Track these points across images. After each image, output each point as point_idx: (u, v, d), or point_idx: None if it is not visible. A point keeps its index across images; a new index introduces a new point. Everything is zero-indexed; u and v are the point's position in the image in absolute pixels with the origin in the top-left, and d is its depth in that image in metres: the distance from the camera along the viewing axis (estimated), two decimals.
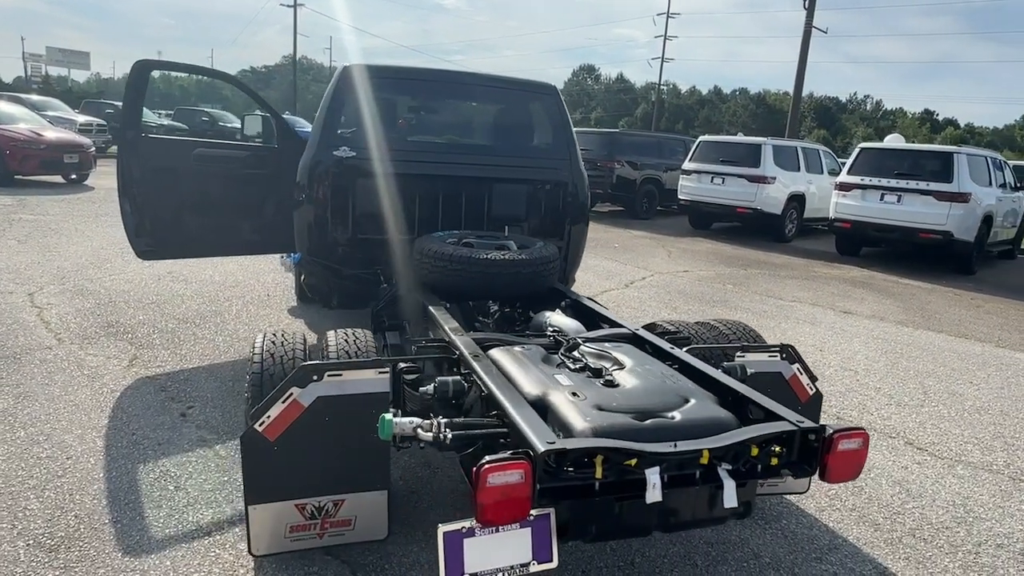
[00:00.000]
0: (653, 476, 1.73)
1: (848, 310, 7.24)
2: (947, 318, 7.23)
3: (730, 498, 1.83)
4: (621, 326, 2.98)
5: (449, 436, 1.83)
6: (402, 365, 2.41)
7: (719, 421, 1.97)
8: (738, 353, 2.70)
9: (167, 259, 5.07)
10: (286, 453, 2.18)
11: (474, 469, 1.60)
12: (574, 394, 2.05)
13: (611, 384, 2.19)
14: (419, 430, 1.86)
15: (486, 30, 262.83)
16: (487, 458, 1.59)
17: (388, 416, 1.89)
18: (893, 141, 13.80)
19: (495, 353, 2.43)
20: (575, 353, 2.51)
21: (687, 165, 12.96)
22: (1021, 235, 12.41)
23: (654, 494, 1.73)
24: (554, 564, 1.74)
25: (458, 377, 2.20)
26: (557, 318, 3.08)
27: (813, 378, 2.84)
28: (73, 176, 13.23)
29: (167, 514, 2.75)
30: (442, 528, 1.64)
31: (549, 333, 2.83)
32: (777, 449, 1.92)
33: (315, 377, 2.17)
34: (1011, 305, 8.24)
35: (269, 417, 2.15)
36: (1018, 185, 11.59)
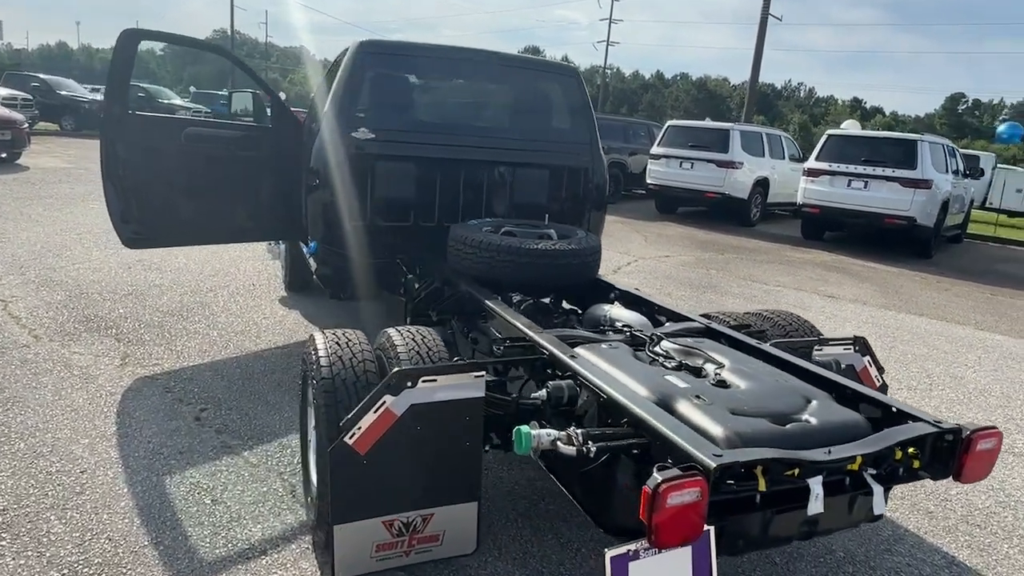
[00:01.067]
0: (816, 486, 1.63)
1: (831, 295, 7.40)
2: (923, 301, 7.48)
3: (879, 504, 1.76)
4: (686, 318, 2.87)
5: (593, 449, 1.68)
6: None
7: (854, 423, 1.89)
8: (815, 347, 2.64)
9: (156, 247, 4.70)
10: (376, 467, 1.99)
11: (646, 488, 1.46)
12: (697, 397, 1.93)
13: (722, 384, 2.08)
14: (559, 443, 1.70)
15: (428, 8, 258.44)
16: (661, 476, 1.46)
17: (526, 429, 1.72)
18: (850, 128, 14.23)
19: (585, 352, 2.28)
20: (660, 350, 2.39)
21: (655, 150, 13.01)
22: (967, 220, 13.01)
23: (816, 505, 1.63)
24: None
25: (570, 380, 2.05)
26: (617, 311, 2.95)
27: (881, 369, 2.81)
28: (3, 155, 12.22)
29: (211, 532, 2.50)
30: (609, 553, 1.51)
31: (622, 328, 2.70)
32: (912, 451, 1.86)
33: (409, 383, 1.98)
34: (974, 288, 8.61)
35: (360, 428, 1.96)
36: (967, 172, 12.12)
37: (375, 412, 1.96)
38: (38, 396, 3.43)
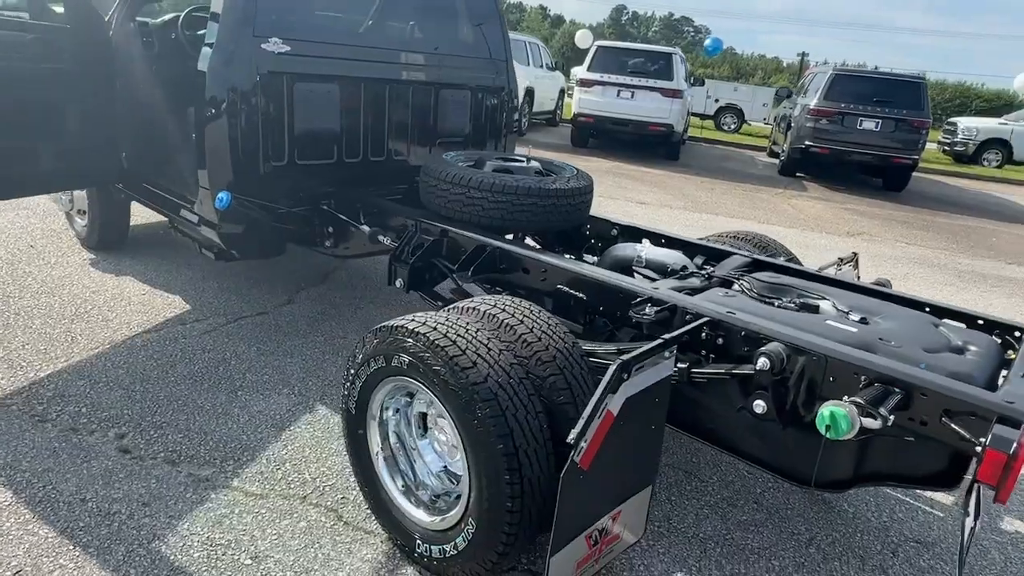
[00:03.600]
0: None
1: (641, 201, 8.05)
2: (706, 201, 8.54)
3: None
4: (718, 251, 2.84)
5: (891, 419, 1.59)
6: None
7: (995, 345, 2.08)
8: (837, 266, 2.85)
9: None
10: (590, 479, 1.67)
11: (994, 451, 1.45)
12: (881, 339, 1.95)
13: (864, 322, 2.12)
14: (862, 418, 1.58)
15: None
16: (1015, 436, 1.46)
17: (840, 410, 1.55)
18: (583, 39, 15.15)
19: (722, 303, 2.13)
20: (759, 291, 2.34)
21: None
22: (689, 124, 15.06)
23: None
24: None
25: (782, 344, 1.88)
26: (653, 251, 2.80)
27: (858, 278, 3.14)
28: None
29: None
30: (968, 522, 1.49)
31: (681, 271, 2.58)
32: None
33: (626, 376, 1.67)
34: (728, 185, 10.06)
35: (586, 441, 1.61)
36: (693, 82, 13.89)
37: (599, 418, 1.62)
38: None
